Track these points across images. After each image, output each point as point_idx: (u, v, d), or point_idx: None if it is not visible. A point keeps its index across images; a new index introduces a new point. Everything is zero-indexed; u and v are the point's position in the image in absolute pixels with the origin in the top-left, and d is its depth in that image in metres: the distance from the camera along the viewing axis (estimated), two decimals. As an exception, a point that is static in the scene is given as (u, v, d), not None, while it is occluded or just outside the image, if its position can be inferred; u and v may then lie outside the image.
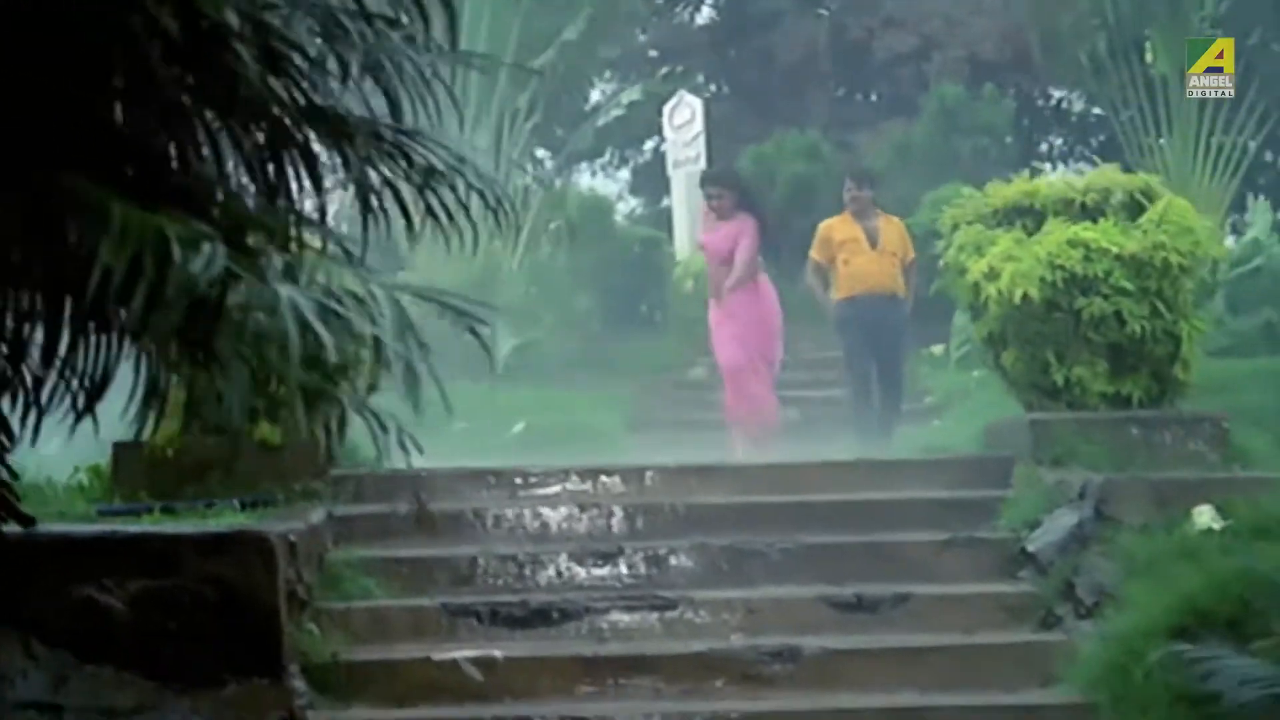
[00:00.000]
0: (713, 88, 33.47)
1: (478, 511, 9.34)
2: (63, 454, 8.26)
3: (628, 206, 33.82)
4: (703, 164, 23.67)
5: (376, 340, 4.80)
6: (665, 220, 26.44)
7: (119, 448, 9.08)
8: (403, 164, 5.67)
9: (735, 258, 13.75)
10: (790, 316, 16.94)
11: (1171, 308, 9.73)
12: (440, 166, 5.71)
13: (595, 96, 30.71)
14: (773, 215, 15.48)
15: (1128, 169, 23.66)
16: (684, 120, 24.60)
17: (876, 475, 9.94)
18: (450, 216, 5.79)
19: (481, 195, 5.86)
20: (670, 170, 25.29)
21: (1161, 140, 23.20)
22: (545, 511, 9.34)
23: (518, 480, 9.79)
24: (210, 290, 4.35)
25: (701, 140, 24.17)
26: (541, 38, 22.84)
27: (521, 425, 16.89)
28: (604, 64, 30.89)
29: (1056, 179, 10.46)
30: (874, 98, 32.17)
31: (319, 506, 8.97)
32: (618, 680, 7.87)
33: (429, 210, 5.77)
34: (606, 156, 34.81)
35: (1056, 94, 31.55)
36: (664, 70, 31.62)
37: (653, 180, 30.98)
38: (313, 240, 5.58)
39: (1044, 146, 33.21)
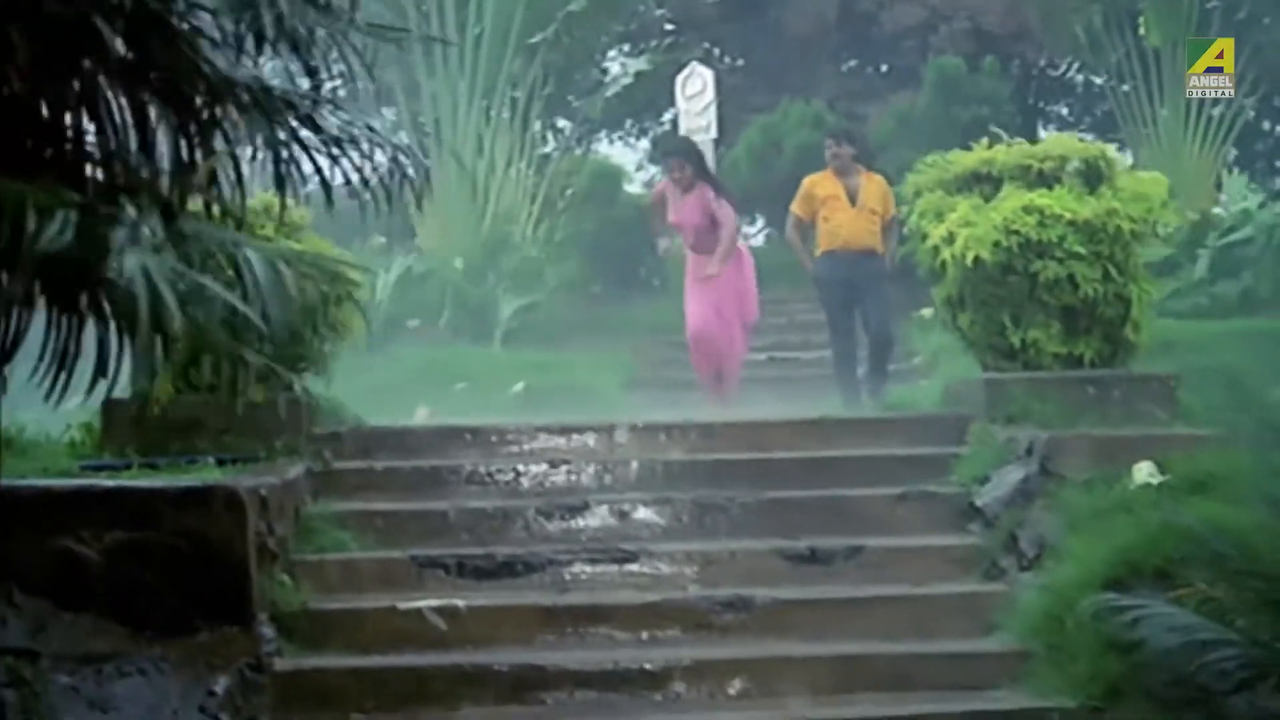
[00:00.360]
0: (726, 59, 33.52)
1: (453, 468, 9.47)
2: (82, 411, 8.44)
3: (647, 175, 33.84)
4: (713, 133, 23.92)
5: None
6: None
7: (107, 405, 9.23)
8: (313, 133, 5.74)
9: (720, 232, 13.84)
10: (783, 279, 17.15)
11: (1123, 272, 9.83)
12: (350, 136, 5.79)
13: (616, 69, 30.77)
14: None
15: (1122, 139, 23.99)
16: (696, 90, 24.74)
17: (839, 433, 10.06)
18: (366, 183, 5.87)
19: (396, 164, 5.95)
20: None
21: (1164, 111, 23.26)
22: (518, 467, 9.49)
23: (494, 438, 9.93)
24: (68, 254, 4.46)
25: (713, 110, 24.36)
26: (545, 13, 22.82)
27: (521, 385, 17.01)
28: (619, 36, 30.97)
29: (1015, 147, 10.38)
30: (883, 69, 32.15)
31: (298, 462, 9.13)
32: (576, 629, 8.03)
33: (345, 178, 5.85)
34: (626, 126, 34.90)
35: (1061, 65, 31.54)
36: (668, 41, 31.58)
37: (669, 148, 31.06)
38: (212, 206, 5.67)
39: (1050, 115, 33.16)
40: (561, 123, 29.60)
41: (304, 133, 5.78)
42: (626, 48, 32.91)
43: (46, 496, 7.61)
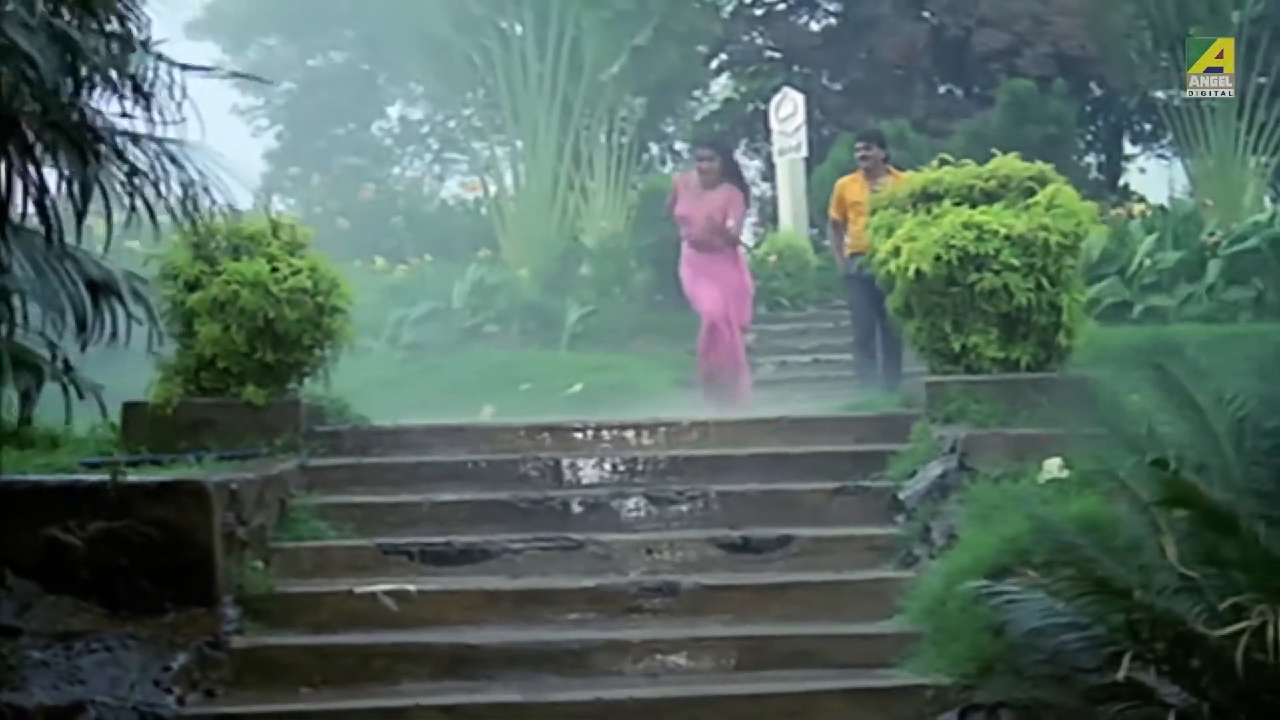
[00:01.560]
0: (825, 83, 33.76)
1: (437, 464, 9.73)
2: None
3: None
4: (804, 153, 24.08)
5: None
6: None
7: (127, 407, 9.58)
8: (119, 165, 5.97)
9: (729, 224, 13.57)
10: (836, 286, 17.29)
11: (1054, 282, 9.88)
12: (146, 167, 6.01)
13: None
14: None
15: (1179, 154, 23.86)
16: (788, 113, 24.90)
17: (795, 430, 10.16)
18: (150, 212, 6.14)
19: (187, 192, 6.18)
20: (776, 159, 25.58)
21: (1215, 127, 23.23)
22: (493, 462, 9.60)
23: (480, 436, 10.05)
24: None
25: (803, 131, 24.52)
26: (616, 42, 23.00)
27: (579, 385, 17.23)
28: (721, 64, 31.38)
29: (962, 168, 10.41)
30: (973, 91, 32.24)
31: (292, 458, 9.32)
32: (517, 611, 8.17)
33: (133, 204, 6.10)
34: (740, 147, 35.21)
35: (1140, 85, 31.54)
36: (762, 68, 31.88)
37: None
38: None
39: (1136, 134, 33.16)
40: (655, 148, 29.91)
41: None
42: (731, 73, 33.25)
43: (38, 490, 7.98)
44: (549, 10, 22.80)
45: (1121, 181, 31.57)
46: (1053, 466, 8.47)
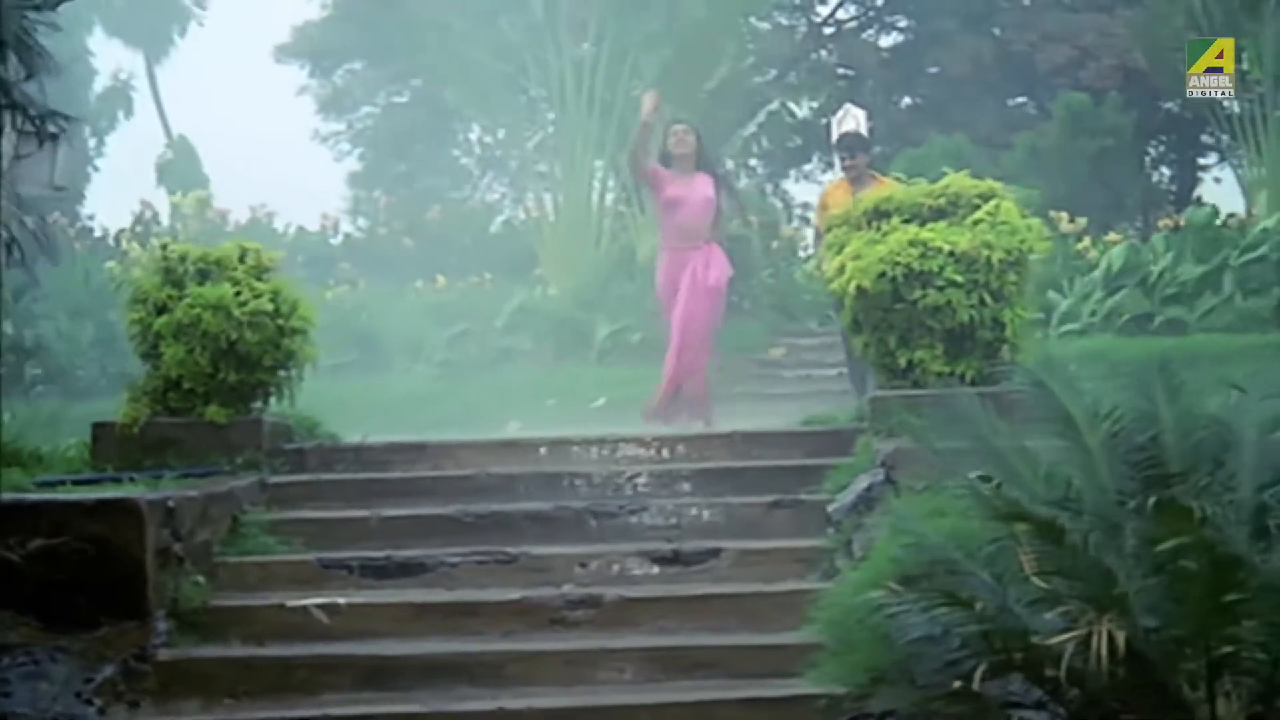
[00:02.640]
0: (895, 99, 33.92)
1: (391, 480, 9.87)
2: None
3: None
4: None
5: None
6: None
7: (96, 426, 9.84)
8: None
9: (712, 212, 12.97)
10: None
11: (998, 298, 9.85)
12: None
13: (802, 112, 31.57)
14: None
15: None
16: (850, 129, 24.81)
17: (747, 444, 10.22)
18: None
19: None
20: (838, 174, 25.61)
21: (1269, 136, 23.22)
22: (447, 478, 9.74)
23: (441, 453, 10.19)
24: None
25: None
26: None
27: (602, 400, 17.37)
28: (791, 85, 31.60)
29: (913, 186, 10.48)
30: (1042, 104, 32.28)
31: (251, 475, 9.51)
32: (443, 623, 8.29)
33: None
34: (813, 162, 35.47)
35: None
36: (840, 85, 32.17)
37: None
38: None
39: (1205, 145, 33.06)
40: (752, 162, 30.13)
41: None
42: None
43: (-19, 509, 8.09)
44: (603, 37, 22.94)
45: (1196, 193, 31.33)
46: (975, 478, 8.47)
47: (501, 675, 7.86)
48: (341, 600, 8.38)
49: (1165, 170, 33.81)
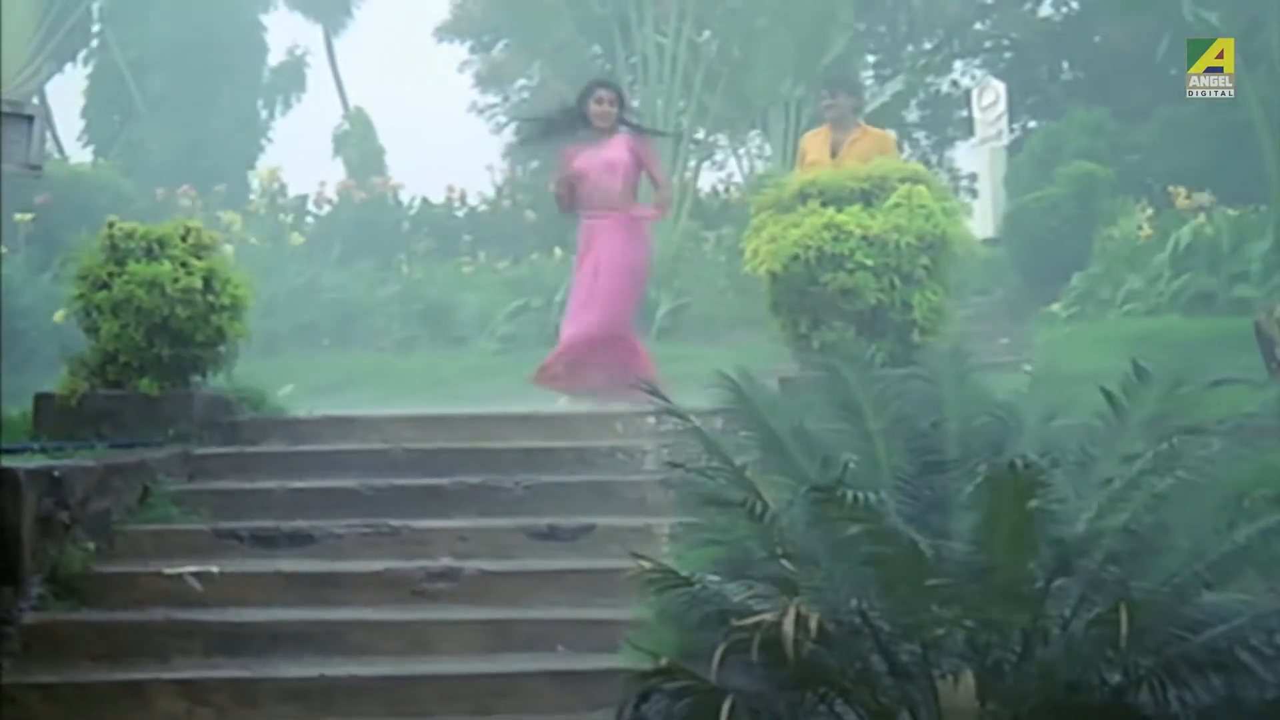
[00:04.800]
0: (1053, 70, 33.60)
1: (315, 452, 10.09)
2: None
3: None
4: (1004, 141, 23.90)
5: None
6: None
7: (38, 398, 10.21)
8: None
9: (655, 177, 12.23)
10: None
11: (907, 281, 9.85)
12: None
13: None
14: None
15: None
16: (989, 102, 24.85)
17: (633, 424, 10.17)
18: None
19: None
20: (977, 147, 25.55)
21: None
22: (365, 451, 10.01)
23: (369, 427, 10.48)
24: None
25: (1004, 120, 24.39)
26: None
27: (651, 376, 17.42)
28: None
29: (840, 169, 10.52)
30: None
31: (176, 446, 9.84)
32: (310, 592, 8.53)
33: None
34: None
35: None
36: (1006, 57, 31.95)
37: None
38: None
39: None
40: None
41: None
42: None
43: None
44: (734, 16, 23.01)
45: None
46: (842, 461, 8.53)
47: (345, 643, 8.08)
48: (215, 568, 8.64)
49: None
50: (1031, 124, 29.74)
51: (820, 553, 6.09)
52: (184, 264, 10.25)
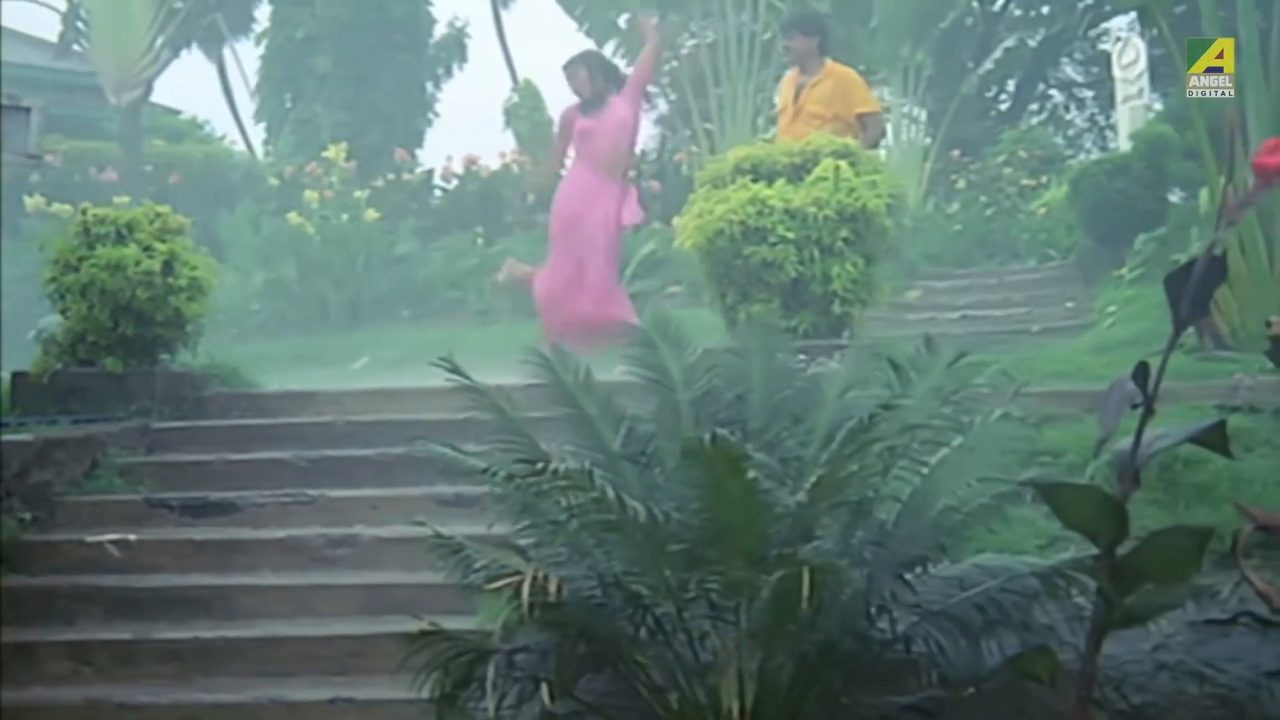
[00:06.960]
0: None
1: (262, 426, 10.43)
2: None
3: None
4: (1146, 100, 23.55)
5: None
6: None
7: (15, 376, 10.73)
8: None
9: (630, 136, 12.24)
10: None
11: (827, 253, 9.96)
12: None
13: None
14: None
15: None
16: (1130, 60, 24.35)
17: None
18: None
19: None
20: (1119, 105, 25.13)
21: None
22: (313, 424, 10.34)
23: (327, 401, 10.82)
24: None
25: (1145, 79, 23.91)
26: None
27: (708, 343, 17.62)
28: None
29: (776, 144, 10.64)
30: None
31: (134, 421, 10.26)
32: (218, 558, 8.90)
33: None
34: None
35: None
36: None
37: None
38: None
39: None
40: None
41: None
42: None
43: None
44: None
45: None
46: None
47: (234, 607, 8.43)
48: (133, 536, 9.04)
49: None
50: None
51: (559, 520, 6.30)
52: (147, 248, 10.63)
